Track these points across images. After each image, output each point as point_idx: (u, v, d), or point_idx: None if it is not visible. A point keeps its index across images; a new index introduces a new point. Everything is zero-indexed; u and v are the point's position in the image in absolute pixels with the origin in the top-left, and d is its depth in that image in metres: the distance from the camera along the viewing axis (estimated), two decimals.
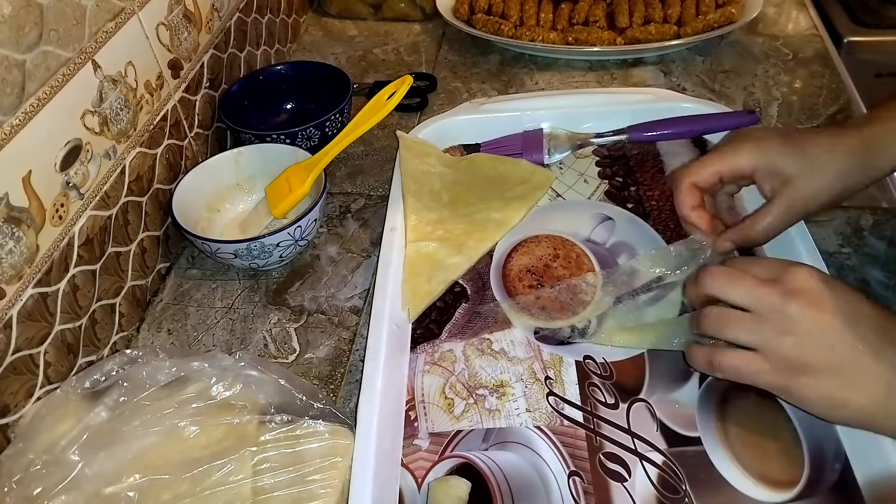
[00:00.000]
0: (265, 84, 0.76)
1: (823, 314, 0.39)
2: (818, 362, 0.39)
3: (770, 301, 0.40)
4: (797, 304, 0.40)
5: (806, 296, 0.40)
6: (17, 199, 0.45)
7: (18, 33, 0.44)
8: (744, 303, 0.41)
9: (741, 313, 0.41)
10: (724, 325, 0.42)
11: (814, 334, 0.39)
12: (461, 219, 0.61)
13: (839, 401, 0.39)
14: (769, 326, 0.40)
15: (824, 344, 0.39)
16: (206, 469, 0.42)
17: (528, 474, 0.45)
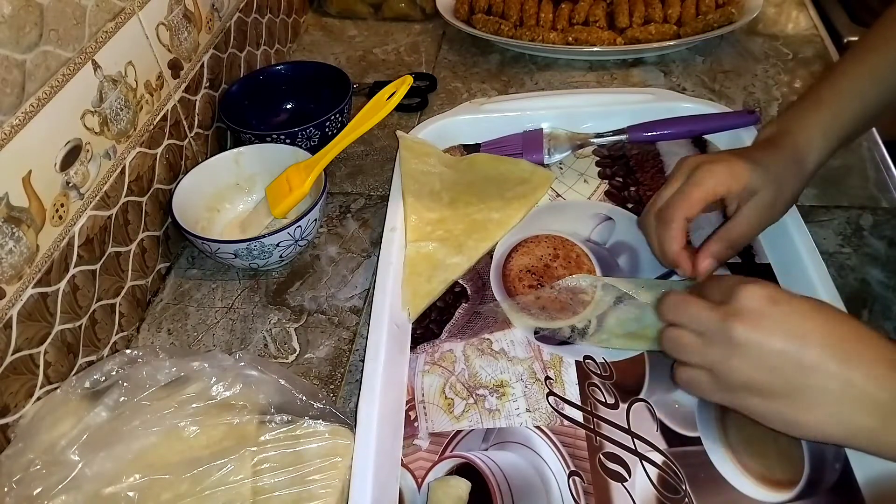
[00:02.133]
0: (265, 84, 0.76)
1: (765, 335, 0.39)
2: (763, 384, 0.39)
3: (713, 325, 0.41)
4: (739, 327, 0.39)
5: (748, 317, 0.39)
6: (17, 199, 0.45)
7: (18, 33, 0.44)
8: (692, 328, 0.42)
9: (692, 337, 0.42)
10: (678, 348, 0.43)
11: (756, 357, 0.39)
12: (461, 219, 0.61)
13: (791, 420, 0.39)
14: (716, 349, 0.41)
15: (767, 366, 0.39)
16: (206, 469, 0.42)
17: (528, 474, 0.45)
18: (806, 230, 0.55)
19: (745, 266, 0.56)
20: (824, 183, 0.66)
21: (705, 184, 0.50)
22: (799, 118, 0.53)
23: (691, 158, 0.53)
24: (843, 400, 0.38)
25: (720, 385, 0.41)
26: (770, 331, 0.39)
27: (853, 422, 0.37)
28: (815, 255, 0.53)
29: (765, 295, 0.40)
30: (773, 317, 0.39)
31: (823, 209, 0.64)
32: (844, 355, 0.38)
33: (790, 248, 0.54)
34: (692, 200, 0.50)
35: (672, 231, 0.50)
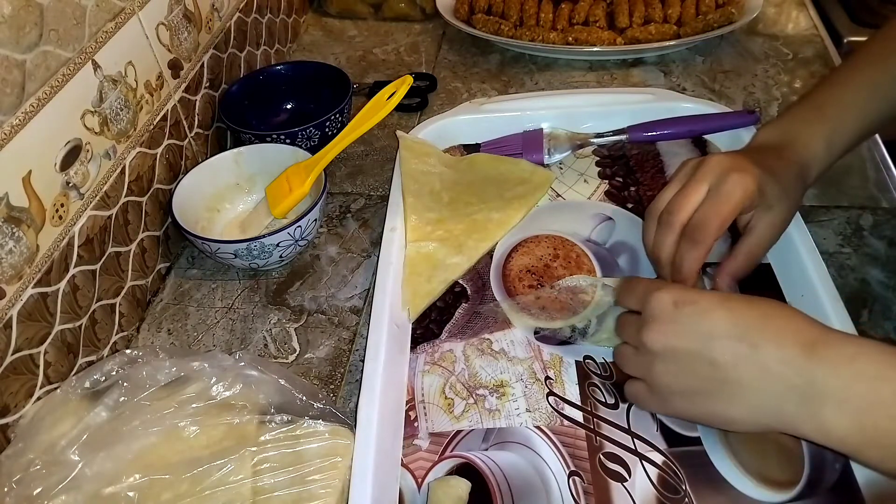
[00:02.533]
0: (265, 84, 0.76)
1: (673, 339, 0.40)
2: (686, 387, 0.40)
3: (633, 333, 0.43)
4: (650, 336, 0.41)
5: (657, 324, 0.41)
6: (17, 199, 0.45)
7: (18, 33, 0.44)
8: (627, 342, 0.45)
9: (629, 349, 0.44)
10: (620, 361, 0.45)
11: (672, 361, 0.40)
12: (461, 219, 0.61)
13: (723, 417, 0.40)
14: (641, 359, 0.42)
15: (685, 369, 0.40)
16: (206, 469, 0.42)
17: (528, 474, 0.45)
18: (806, 230, 0.55)
19: None
20: (824, 183, 0.66)
21: (735, 196, 0.47)
22: (802, 128, 0.53)
23: (710, 160, 0.49)
24: (761, 388, 0.38)
25: (654, 393, 0.42)
26: (677, 334, 0.40)
27: (775, 407, 0.38)
28: (815, 255, 0.53)
29: (670, 299, 0.41)
30: (680, 319, 0.40)
31: (823, 209, 0.64)
32: (753, 342, 0.38)
33: (790, 248, 0.54)
34: (725, 217, 0.47)
35: (701, 253, 0.47)
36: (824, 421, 0.36)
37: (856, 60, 0.55)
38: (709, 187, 0.48)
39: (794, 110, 0.55)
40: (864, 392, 0.36)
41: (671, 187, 0.51)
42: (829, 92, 0.54)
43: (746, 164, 0.48)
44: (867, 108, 0.53)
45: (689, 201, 0.48)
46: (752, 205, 0.48)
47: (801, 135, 0.52)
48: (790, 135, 0.53)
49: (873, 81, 0.53)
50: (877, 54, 0.54)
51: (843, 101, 0.53)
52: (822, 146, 0.52)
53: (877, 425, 0.35)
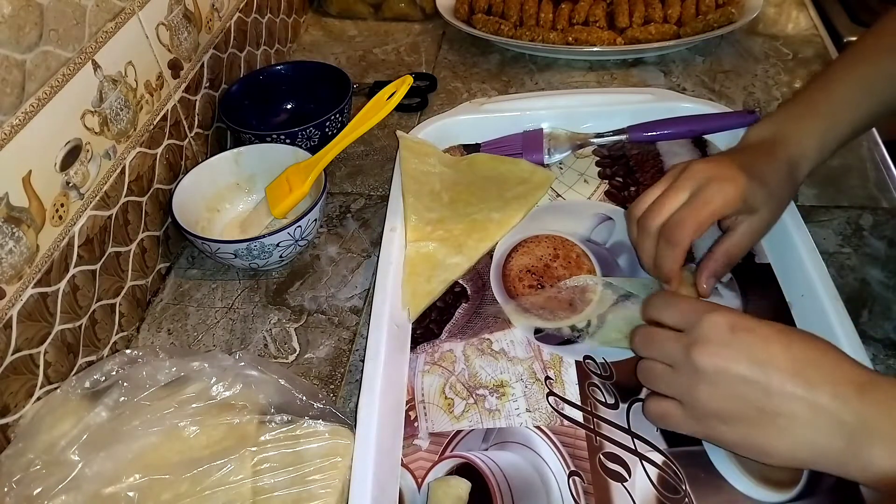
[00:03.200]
0: (265, 84, 0.76)
1: (729, 363, 0.39)
2: (730, 412, 0.40)
3: (677, 355, 0.41)
4: (702, 356, 0.40)
5: (710, 346, 0.40)
6: (17, 199, 0.45)
7: (18, 33, 0.44)
8: (659, 359, 0.43)
9: (662, 367, 0.43)
10: (650, 378, 0.44)
11: (721, 385, 0.39)
12: (461, 219, 0.61)
13: (762, 448, 0.39)
14: (683, 379, 0.41)
15: (733, 394, 0.39)
16: (206, 469, 0.42)
17: (528, 474, 0.45)
18: (806, 230, 0.55)
19: (746, 266, 0.56)
20: (824, 183, 0.66)
21: (714, 203, 0.47)
22: (795, 126, 0.53)
23: (693, 167, 0.50)
24: (810, 424, 0.38)
25: (689, 415, 0.41)
26: (733, 358, 0.39)
27: (821, 444, 0.37)
28: (815, 255, 0.53)
29: (726, 323, 0.40)
30: (736, 345, 0.40)
31: (823, 209, 0.64)
32: (809, 379, 0.38)
33: (790, 248, 0.54)
34: (701, 221, 0.48)
35: (677, 253, 0.48)
36: (872, 460, 0.36)
37: (849, 57, 0.55)
38: (689, 194, 0.48)
39: (786, 107, 0.55)
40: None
41: (653, 191, 0.51)
42: (822, 89, 0.54)
43: (731, 172, 0.48)
44: (860, 105, 0.52)
45: (666, 208, 0.49)
46: (733, 211, 0.49)
47: (793, 132, 0.52)
48: (782, 132, 0.53)
49: (866, 79, 0.53)
50: (870, 51, 0.54)
51: (836, 98, 0.53)
52: (815, 144, 0.52)
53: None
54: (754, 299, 0.54)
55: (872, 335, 0.53)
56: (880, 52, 0.53)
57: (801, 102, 0.54)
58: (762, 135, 0.54)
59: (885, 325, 0.54)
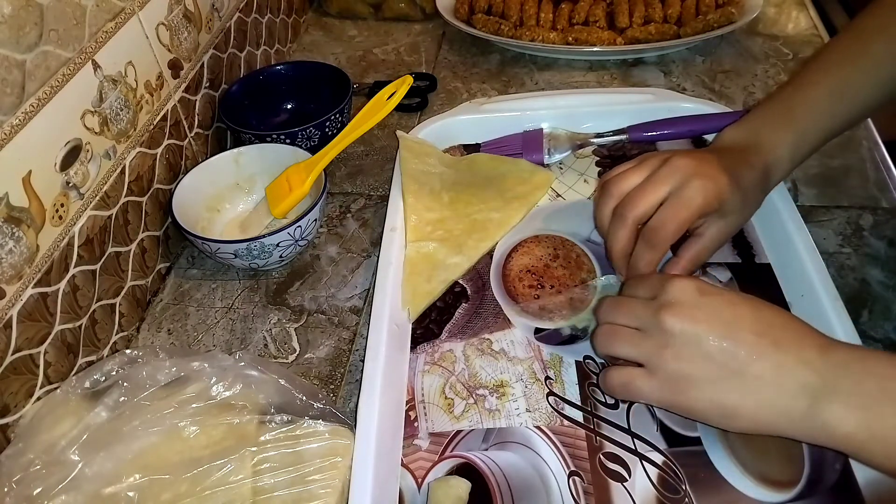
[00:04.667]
0: (265, 84, 0.76)
1: (698, 324, 0.40)
2: (699, 373, 0.40)
3: (647, 317, 0.42)
4: (672, 317, 0.40)
5: (680, 308, 0.41)
6: (17, 199, 0.45)
7: (18, 33, 0.44)
8: (627, 323, 0.43)
9: (627, 329, 0.43)
10: (612, 341, 0.44)
11: (691, 345, 0.40)
12: (461, 219, 0.61)
13: (730, 409, 0.39)
14: (650, 341, 0.41)
15: (703, 353, 0.40)
16: (206, 469, 0.42)
17: (528, 474, 0.45)
18: (806, 230, 0.55)
19: (745, 266, 0.56)
20: (824, 183, 0.66)
21: (695, 203, 0.47)
22: (768, 130, 0.52)
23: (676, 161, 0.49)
24: (776, 383, 0.38)
25: (656, 379, 0.41)
26: (703, 319, 0.40)
27: (785, 405, 0.38)
28: (815, 255, 0.53)
29: (695, 287, 0.41)
30: (705, 306, 0.41)
31: (823, 209, 0.64)
32: (775, 340, 0.39)
33: (790, 248, 0.54)
34: (682, 222, 0.47)
35: (656, 257, 0.48)
36: (831, 418, 0.37)
37: (825, 58, 0.54)
38: (670, 189, 0.48)
39: (760, 111, 0.54)
40: (872, 388, 0.37)
41: (631, 175, 0.50)
42: (796, 92, 0.53)
43: (712, 171, 0.48)
44: (834, 109, 0.52)
45: (648, 200, 0.48)
46: (709, 213, 0.48)
47: (767, 137, 0.52)
48: (756, 136, 0.52)
49: (842, 82, 0.52)
50: (846, 52, 0.53)
51: (810, 102, 0.52)
52: (788, 149, 0.52)
53: (883, 421, 0.36)
54: None
55: (872, 335, 0.53)
56: (856, 52, 0.52)
57: (775, 106, 0.53)
58: (737, 138, 0.53)
59: (885, 325, 0.54)
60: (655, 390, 0.42)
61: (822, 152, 0.69)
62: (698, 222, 0.50)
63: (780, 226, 0.56)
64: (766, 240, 0.58)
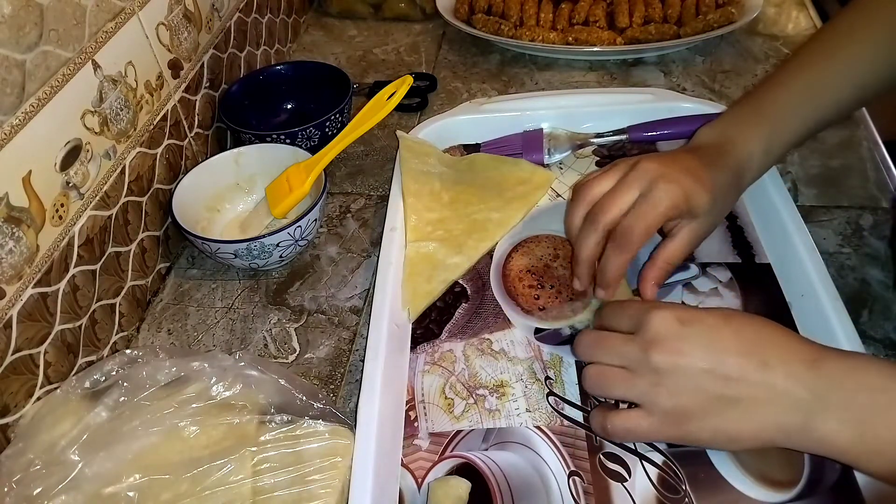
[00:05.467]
0: (265, 84, 0.76)
1: (684, 358, 0.40)
2: (695, 406, 0.40)
3: (634, 356, 0.41)
4: (658, 354, 0.40)
5: (664, 343, 0.40)
6: (17, 199, 0.45)
7: (18, 33, 0.44)
8: (614, 363, 0.42)
9: (618, 370, 0.42)
10: (605, 384, 0.43)
11: (682, 379, 0.40)
12: (461, 219, 0.61)
13: (733, 434, 0.39)
14: (643, 381, 0.41)
15: (694, 386, 0.39)
16: (206, 469, 0.42)
17: (528, 474, 0.45)
18: (806, 230, 0.55)
19: (745, 266, 0.56)
20: (824, 183, 0.66)
21: (662, 205, 0.47)
22: (741, 131, 0.52)
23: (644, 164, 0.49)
24: (770, 403, 0.38)
25: (656, 419, 0.41)
26: (688, 352, 0.40)
27: (782, 422, 0.38)
28: (815, 255, 0.53)
29: (674, 317, 0.41)
30: (688, 338, 0.40)
31: (823, 209, 0.64)
32: (762, 360, 0.39)
33: (790, 248, 0.54)
34: (650, 225, 0.47)
35: (625, 261, 0.48)
36: (827, 432, 0.37)
37: (800, 58, 0.54)
38: (639, 192, 0.48)
39: (735, 110, 0.54)
40: (864, 402, 0.37)
41: (602, 181, 0.50)
42: (770, 92, 0.53)
43: (677, 174, 0.48)
44: (807, 111, 0.52)
45: (617, 204, 0.48)
46: (678, 214, 0.48)
47: (739, 137, 0.52)
48: (729, 136, 0.52)
49: (816, 82, 0.52)
50: (820, 53, 0.53)
51: (782, 102, 0.52)
52: (761, 150, 0.51)
53: (877, 435, 0.36)
54: (754, 299, 0.54)
55: (872, 335, 0.53)
56: (830, 52, 0.52)
57: (749, 107, 0.53)
58: (710, 137, 0.53)
59: (885, 325, 0.54)
60: (657, 430, 0.41)
61: (823, 152, 0.69)
62: (670, 224, 0.50)
63: (780, 226, 0.56)
64: (766, 240, 0.58)
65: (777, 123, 0.52)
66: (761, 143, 0.51)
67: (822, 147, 0.70)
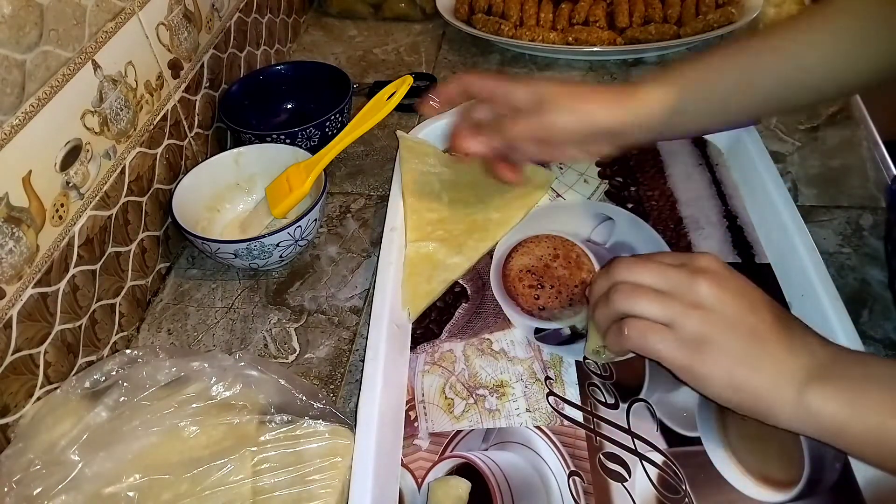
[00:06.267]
0: (265, 84, 0.76)
1: (728, 293, 0.41)
2: (721, 338, 0.40)
3: (679, 279, 0.42)
4: (704, 282, 0.41)
5: (712, 276, 0.42)
6: (17, 199, 0.45)
7: (18, 33, 0.44)
8: (654, 283, 0.43)
9: (653, 290, 0.43)
10: (637, 298, 0.42)
11: (719, 311, 0.41)
12: (461, 219, 0.61)
13: (738, 380, 0.40)
14: (678, 301, 0.42)
15: (728, 321, 0.41)
16: (206, 469, 0.42)
17: (528, 474, 0.45)
18: (806, 230, 0.55)
19: (745, 266, 0.56)
20: (824, 183, 0.66)
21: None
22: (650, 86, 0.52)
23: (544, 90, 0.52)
24: (782, 364, 0.40)
25: (676, 337, 0.41)
26: (734, 290, 0.42)
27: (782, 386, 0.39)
28: (815, 255, 0.53)
29: (721, 262, 0.43)
30: (735, 280, 0.43)
31: (823, 209, 0.64)
32: (787, 325, 0.41)
33: (790, 248, 0.54)
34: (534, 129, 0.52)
35: None
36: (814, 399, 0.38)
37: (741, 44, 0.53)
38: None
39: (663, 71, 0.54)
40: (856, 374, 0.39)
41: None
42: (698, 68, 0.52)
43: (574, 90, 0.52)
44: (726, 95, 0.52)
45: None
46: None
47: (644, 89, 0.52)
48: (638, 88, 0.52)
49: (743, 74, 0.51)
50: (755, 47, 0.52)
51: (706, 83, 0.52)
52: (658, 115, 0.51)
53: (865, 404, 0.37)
54: None
55: (872, 335, 0.53)
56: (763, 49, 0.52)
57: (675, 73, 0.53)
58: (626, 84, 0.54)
59: (885, 325, 0.54)
60: (673, 348, 0.41)
61: (823, 152, 0.69)
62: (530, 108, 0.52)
63: (780, 226, 0.56)
64: (766, 240, 0.58)
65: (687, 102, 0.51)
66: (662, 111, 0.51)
67: (822, 147, 0.70)
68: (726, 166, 0.65)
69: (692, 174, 0.64)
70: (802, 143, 0.71)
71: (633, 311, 0.43)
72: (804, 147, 0.70)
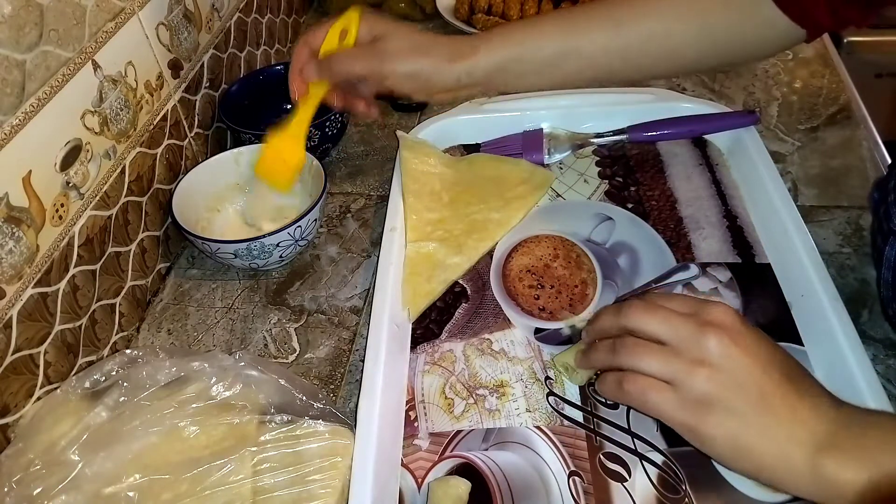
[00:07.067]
0: (265, 84, 0.76)
1: (738, 349, 0.39)
2: (727, 399, 0.38)
3: (687, 332, 0.40)
4: (713, 336, 0.39)
5: (722, 330, 0.39)
6: (17, 199, 0.45)
7: (18, 33, 0.44)
8: (661, 333, 0.41)
9: (657, 345, 0.41)
10: (640, 354, 0.41)
11: (726, 369, 0.39)
12: (461, 219, 0.61)
13: (743, 446, 0.38)
14: (684, 358, 0.40)
15: (736, 381, 0.39)
16: (206, 469, 0.42)
17: (528, 474, 0.45)
18: (806, 230, 0.55)
19: (745, 266, 0.56)
20: (824, 183, 0.66)
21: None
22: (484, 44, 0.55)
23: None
24: (790, 428, 0.38)
25: (678, 396, 0.39)
26: (745, 348, 0.39)
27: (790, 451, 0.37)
28: (815, 255, 0.53)
29: (736, 315, 0.41)
30: (748, 335, 0.40)
31: (823, 209, 0.64)
32: (797, 387, 0.39)
33: (790, 248, 0.54)
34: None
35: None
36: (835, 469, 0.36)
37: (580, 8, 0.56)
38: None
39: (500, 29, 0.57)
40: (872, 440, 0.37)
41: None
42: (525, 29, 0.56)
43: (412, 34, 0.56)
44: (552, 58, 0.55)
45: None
46: None
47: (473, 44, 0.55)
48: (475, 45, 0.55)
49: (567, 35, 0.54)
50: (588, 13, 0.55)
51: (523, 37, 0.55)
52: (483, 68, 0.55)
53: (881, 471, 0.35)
54: (754, 299, 0.54)
55: (872, 335, 0.53)
56: (593, 16, 0.54)
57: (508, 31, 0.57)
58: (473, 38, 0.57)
59: (885, 325, 0.54)
60: (675, 408, 0.40)
61: (823, 152, 0.69)
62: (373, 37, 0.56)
63: (780, 226, 0.56)
64: (766, 240, 0.58)
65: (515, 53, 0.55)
66: (490, 57, 0.55)
67: (822, 147, 0.70)
68: (726, 166, 0.65)
69: (692, 174, 0.64)
70: (802, 143, 0.71)
71: (635, 368, 0.42)
72: (804, 147, 0.71)
